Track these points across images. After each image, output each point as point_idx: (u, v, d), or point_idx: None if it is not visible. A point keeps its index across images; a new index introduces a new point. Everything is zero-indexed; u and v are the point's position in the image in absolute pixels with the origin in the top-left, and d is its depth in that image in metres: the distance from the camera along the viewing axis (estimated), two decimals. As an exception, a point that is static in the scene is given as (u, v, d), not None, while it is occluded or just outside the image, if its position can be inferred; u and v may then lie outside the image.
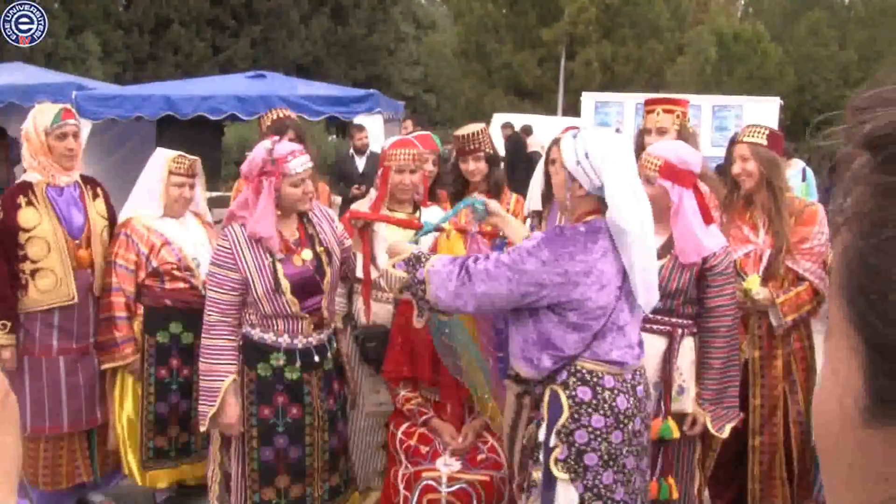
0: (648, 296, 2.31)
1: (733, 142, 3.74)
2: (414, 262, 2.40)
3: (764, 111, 11.58)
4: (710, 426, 2.90)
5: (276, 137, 2.89)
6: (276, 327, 2.87)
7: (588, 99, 12.41)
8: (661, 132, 3.44)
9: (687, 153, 2.87)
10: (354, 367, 3.33)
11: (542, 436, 2.37)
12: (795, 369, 3.30)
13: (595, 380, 2.30)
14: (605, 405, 2.30)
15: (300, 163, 2.81)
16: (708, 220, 2.87)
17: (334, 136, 20.75)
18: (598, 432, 2.29)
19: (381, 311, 3.28)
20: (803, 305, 3.21)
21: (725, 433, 2.93)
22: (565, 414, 2.30)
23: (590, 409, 2.30)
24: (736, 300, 2.97)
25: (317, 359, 2.92)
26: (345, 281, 3.26)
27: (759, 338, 3.29)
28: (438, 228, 2.82)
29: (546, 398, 2.35)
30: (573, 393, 2.31)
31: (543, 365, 2.32)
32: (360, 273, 3.13)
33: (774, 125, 11.23)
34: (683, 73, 24.27)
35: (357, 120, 8.72)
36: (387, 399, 3.22)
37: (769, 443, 3.31)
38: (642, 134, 3.56)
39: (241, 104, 8.78)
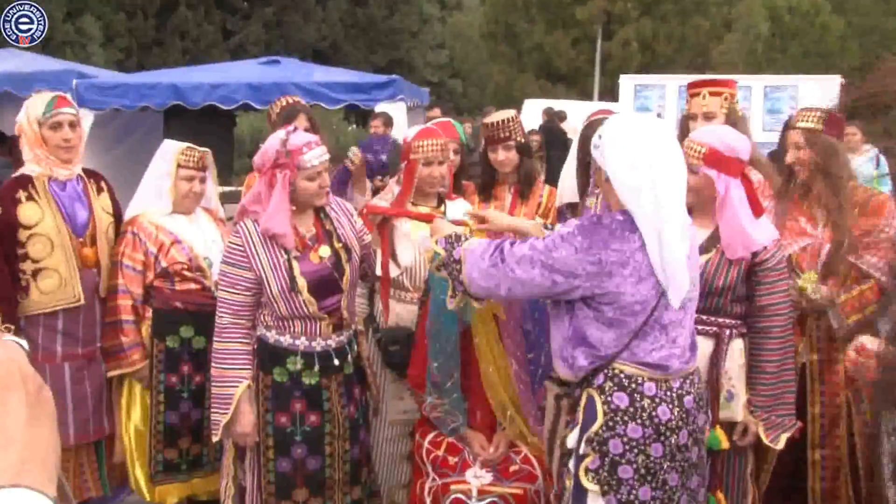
0: (677, 291, 2.28)
1: (787, 127, 3.70)
2: (454, 240, 2.48)
3: (822, 91, 11.38)
4: (762, 436, 2.88)
5: (292, 127, 2.92)
6: (292, 329, 2.90)
7: (626, 82, 12.35)
8: (708, 117, 3.41)
9: (734, 139, 2.85)
10: (377, 372, 3.36)
11: (572, 441, 2.37)
12: (861, 377, 3.18)
13: (634, 386, 2.29)
14: (644, 414, 2.28)
15: (316, 155, 2.84)
16: (758, 211, 2.85)
17: (354, 126, 20.84)
18: (634, 443, 2.27)
19: (405, 312, 3.30)
20: (868, 305, 3.15)
21: (780, 444, 2.90)
22: (599, 420, 2.30)
23: (626, 418, 2.28)
24: (790, 298, 2.95)
25: (336, 362, 2.95)
26: (365, 280, 3.29)
27: (817, 340, 3.25)
28: (459, 223, 2.83)
29: (583, 402, 2.36)
30: (609, 398, 2.30)
31: (579, 363, 2.33)
32: (378, 272, 3.15)
33: (834, 106, 11.07)
34: (732, 52, 24.00)
35: (378, 108, 8.76)
36: (411, 406, 3.24)
37: (832, 457, 3.27)
38: (686, 119, 3.53)
39: (253, 92, 8.84)
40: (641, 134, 2.28)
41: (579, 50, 24.65)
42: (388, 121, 8.55)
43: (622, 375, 2.30)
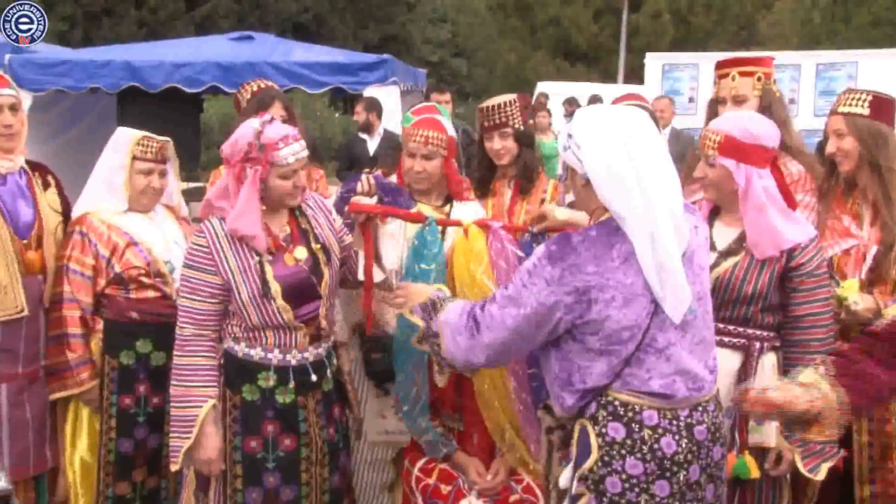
0: (676, 302, 2.30)
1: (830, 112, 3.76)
2: (430, 309, 2.54)
3: (887, 69, 11.23)
4: (799, 465, 2.92)
5: (268, 117, 3.00)
6: (264, 341, 2.98)
7: (653, 61, 12.23)
8: (739, 101, 3.46)
9: (754, 124, 2.93)
10: (359, 388, 3.44)
11: (565, 481, 2.41)
12: None
13: (630, 415, 2.32)
14: (644, 447, 2.30)
15: (293, 151, 2.92)
16: (791, 205, 2.92)
17: (340, 113, 20.96)
18: (634, 481, 2.30)
19: (391, 318, 3.36)
20: (922, 317, 3.21)
21: (821, 475, 2.93)
22: (594, 456, 2.33)
23: (623, 451, 2.31)
24: (831, 307, 3.01)
25: (314, 378, 3.03)
26: (345, 285, 3.36)
27: None
28: (453, 223, 2.92)
29: (576, 435, 2.40)
30: (603, 430, 2.32)
31: (567, 404, 2.38)
32: (361, 275, 3.22)
33: (901, 87, 11.02)
34: (783, 23, 23.76)
35: (368, 92, 8.80)
36: (395, 427, 3.33)
37: (882, 493, 3.28)
38: (715, 104, 3.57)
39: (223, 73, 8.93)
40: (614, 124, 2.32)
41: (602, 24, 24.74)
42: (371, 106, 8.57)
43: (616, 403, 2.33)
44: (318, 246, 3.07)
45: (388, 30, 29.23)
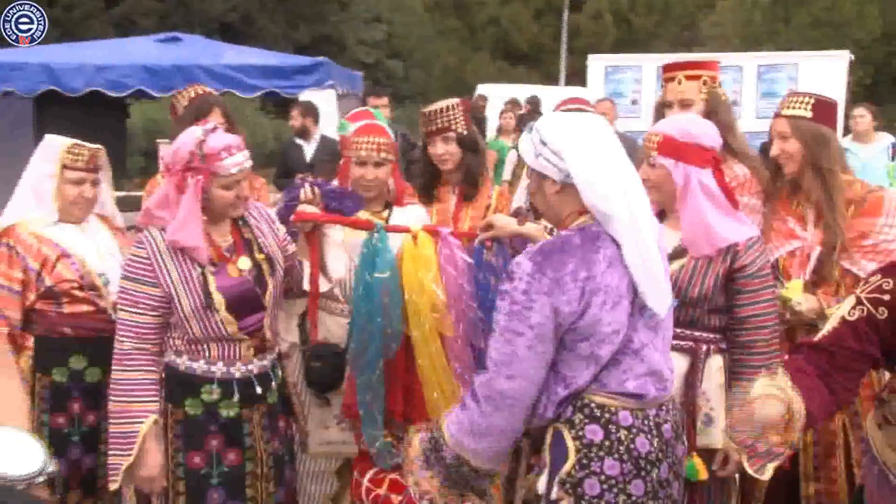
0: (659, 297, 2.43)
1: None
2: (432, 446, 2.53)
3: (827, 70, 11.60)
4: (746, 465, 2.97)
5: (211, 125, 3.04)
6: (207, 354, 3.02)
7: (596, 63, 12.43)
8: (686, 105, 3.60)
9: (693, 125, 3.07)
10: (304, 400, 3.49)
11: (542, 486, 2.48)
12: (857, 398, 3.30)
13: (607, 416, 2.42)
14: (622, 448, 2.40)
15: (236, 161, 2.97)
16: (733, 205, 3.04)
17: (272, 118, 20.83)
18: (613, 482, 2.39)
19: (335, 327, 3.45)
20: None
21: (767, 474, 3.00)
22: (571, 459, 2.41)
23: (601, 453, 2.40)
24: (776, 309, 3.14)
25: (259, 391, 3.07)
26: (289, 296, 3.41)
27: None
28: (402, 229, 2.99)
29: (548, 439, 2.48)
30: (580, 433, 2.41)
31: (548, 414, 2.46)
32: (306, 285, 3.28)
33: (841, 88, 11.36)
34: (725, 24, 24.24)
35: (304, 96, 8.76)
36: (338, 437, 3.39)
37: (827, 491, 3.42)
38: (662, 108, 3.72)
39: (150, 77, 8.83)
40: (590, 129, 2.45)
41: (543, 24, 24.98)
42: (307, 111, 8.54)
43: (593, 405, 2.42)
44: (263, 256, 3.12)
45: (320, 30, 29.11)
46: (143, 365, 2.98)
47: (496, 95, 14.82)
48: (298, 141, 8.69)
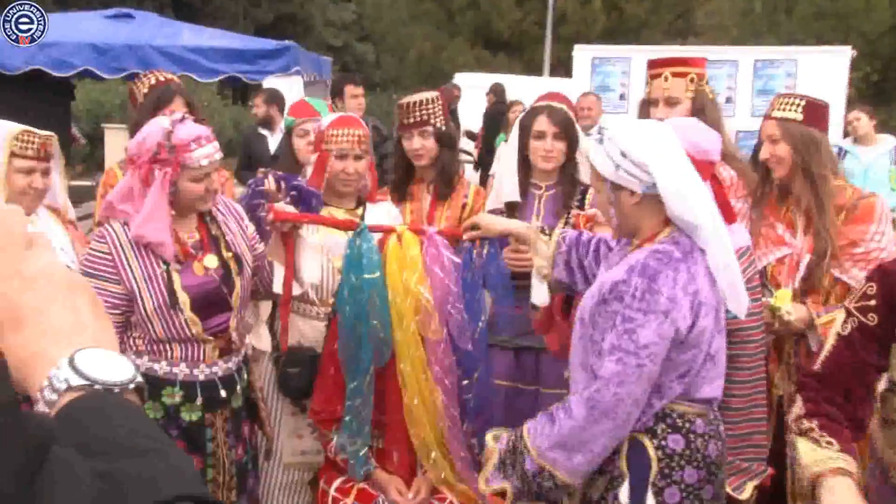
0: (739, 298, 2.61)
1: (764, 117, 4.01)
2: (510, 455, 2.67)
3: (827, 67, 11.70)
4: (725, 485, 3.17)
5: (179, 115, 3.11)
6: (170, 355, 3.11)
7: (582, 54, 12.42)
8: (672, 103, 3.68)
9: (703, 137, 3.08)
10: (272, 406, 3.59)
11: (625, 497, 2.60)
12: None
13: (687, 426, 2.59)
14: (699, 455, 2.58)
15: (206, 153, 3.04)
16: (729, 218, 3.16)
17: (230, 103, 20.79)
18: (690, 489, 2.57)
19: (309, 330, 3.55)
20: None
21: (745, 494, 3.14)
22: (654, 469, 2.57)
23: (682, 462, 2.57)
24: (762, 322, 3.24)
25: (223, 394, 3.17)
26: (255, 297, 3.50)
27: (796, 369, 3.54)
28: (386, 229, 3.08)
29: (624, 449, 2.61)
30: (663, 443, 2.58)
31: (637, 427, 2.59)
32: (277, 288, 3.36)
33: (842, 85, 11.49)
34: (722, 13, 24.30)
35: (268, 83, 8.69)
36: (312, 447, 3.48)
37: None
38: (647, 105, 3.80)
39: (98, 56, 8.77)
40: (667, 138, 2.60)
41: (526, 10, 24.98)
42: (272, 99, 8.52)
43: (675, 415, 2.60)
44: (230, 254, 3.20)
45: (283, 8, 28.92)
46: None
47: (475, 85, 14.68)
48: (262, 131, 8.66)
